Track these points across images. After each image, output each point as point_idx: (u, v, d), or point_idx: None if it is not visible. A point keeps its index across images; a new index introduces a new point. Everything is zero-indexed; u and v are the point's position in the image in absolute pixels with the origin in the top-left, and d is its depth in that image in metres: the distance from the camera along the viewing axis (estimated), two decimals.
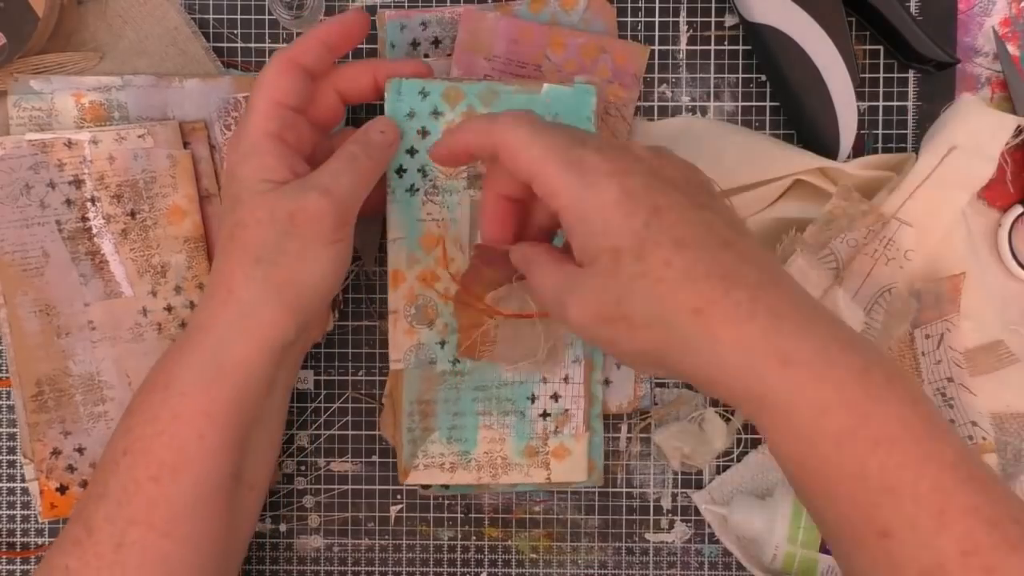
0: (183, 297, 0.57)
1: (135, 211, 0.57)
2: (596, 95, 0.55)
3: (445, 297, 0.57)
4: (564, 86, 0.56)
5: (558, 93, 0.55)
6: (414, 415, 0.57)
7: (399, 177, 0.56)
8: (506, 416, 0.58)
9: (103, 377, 0.58)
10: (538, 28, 0.58)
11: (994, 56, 0.60)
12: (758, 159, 0.57)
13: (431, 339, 0.57)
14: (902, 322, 0.55)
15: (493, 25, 0.58)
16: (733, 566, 0.61)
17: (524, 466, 0.58)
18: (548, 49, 0.58)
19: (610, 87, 0.58)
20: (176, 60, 0.58)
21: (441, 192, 0.57)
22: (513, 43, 0.58)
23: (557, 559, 0.62)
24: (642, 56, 0.58)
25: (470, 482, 0.58)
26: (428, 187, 0.57)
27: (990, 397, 0.57)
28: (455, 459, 0.58)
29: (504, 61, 0.58)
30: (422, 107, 0.56)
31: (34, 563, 0.61)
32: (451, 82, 0.56)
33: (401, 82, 0.55)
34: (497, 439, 0.58)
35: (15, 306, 0.57)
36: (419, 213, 0.57)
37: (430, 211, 0.57)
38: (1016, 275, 0.59)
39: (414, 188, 0.57)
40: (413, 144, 0.56)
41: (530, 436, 0.58)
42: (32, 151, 0.56)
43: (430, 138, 0.56)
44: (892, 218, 0.54)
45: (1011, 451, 0.58)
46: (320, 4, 0.60)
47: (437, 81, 0.56)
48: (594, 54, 0.58)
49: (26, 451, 0.58)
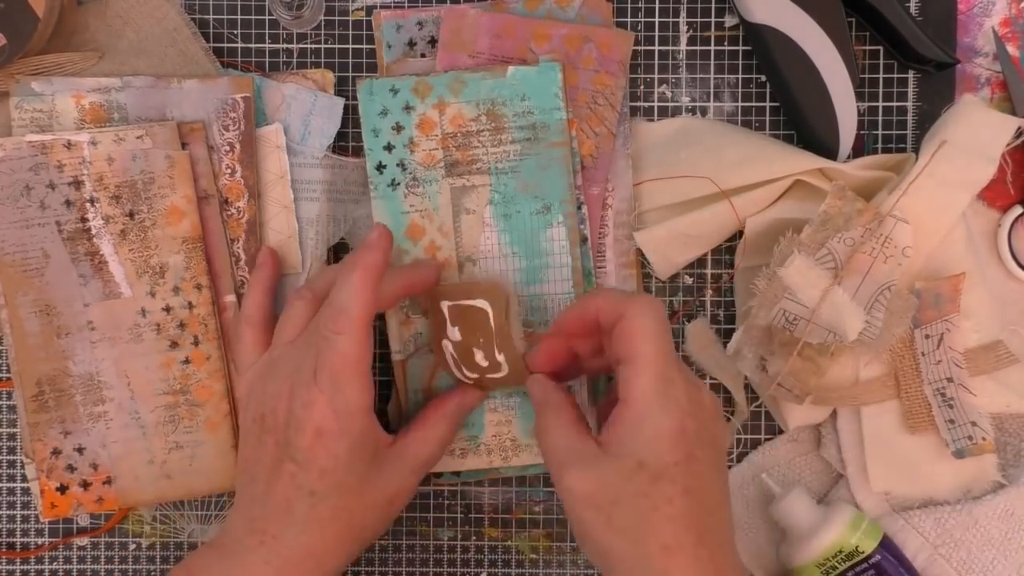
0: (181, 298, 0.57)
1: (134, 212, 0.57)
2: (561, 71, 0.57)
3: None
4: (529, 67, 0.57)
5: (524, 74, 0.57)
6: (419, 404, 0.58)
7: (380, 173, 0.57)
8: (510, 397, 0.59)
9: (102, 377, 0.58)
10: (520, 21, 0.58)
11: (994, 56, 0.60)
12: (758, 159, 0.57)
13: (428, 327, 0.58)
14: (903, 319, 0.55)
15: (475, 21, 0.58)
16: None
17: (534, 446, 0.59)
18: (532, 42, 0.58)
19: (596, 76, 0.58)
20: (176, 61, 0.58)
21: (421, 183, 0.58)
22: (496, 38, 0.58)
23: (557, 559, 0.62)
24: (626, 42, 0.58)
25: (481, 467, 0.59)
26: (408, 180, 0.58)
27: (990, 397, 0.57)
28: (465, 444, 0.59)
29: (488, 57, 0.58)
30: (394, 103, 0.57)
31: (34, 563, 0.61)
32: (419, 76, 0.57)
33: (372, 82, 0.57)
34: (504, 421, 0.59)
35: (16, 306, 0.57)
36: (402, 206, 0.58)
37: (412, 203, 0.58)
38: (1016, 275, 0.59)
39: (395, 182, 0.58)
40: (389, 140, 0.58)
41: None
42: (32, 152, 0.56)
43: (404, 133, 0.57)
44: (888, 215, 0.54)
45: (1011, 451, 0.58)
46: (320, 4, 0.60)
47: (405, 77, 0.57)
48: (578, 44, 0.58)
49: (27, 451, 0.58)
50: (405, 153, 0.58)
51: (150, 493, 0.58)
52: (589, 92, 0.58)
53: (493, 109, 0.57)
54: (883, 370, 0.57)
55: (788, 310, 0.54)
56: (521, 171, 0.58)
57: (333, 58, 0.60)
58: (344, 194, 0.59)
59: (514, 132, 0.58)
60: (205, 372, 0.58)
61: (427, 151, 0.58)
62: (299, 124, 0.59)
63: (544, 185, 0.57)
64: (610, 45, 0.58)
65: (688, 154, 0.58)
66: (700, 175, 0.57)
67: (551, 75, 0.57)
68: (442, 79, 0.57)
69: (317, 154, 0.59)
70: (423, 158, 0.58)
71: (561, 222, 0.58)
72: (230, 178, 0.58)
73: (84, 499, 0.58)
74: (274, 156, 0.58)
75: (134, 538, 0.61)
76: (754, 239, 0.58)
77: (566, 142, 0.57)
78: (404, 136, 0.58)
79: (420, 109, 0.57)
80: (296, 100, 0.59)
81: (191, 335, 0.58)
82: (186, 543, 0.61)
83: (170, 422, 0.58)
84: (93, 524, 0.61)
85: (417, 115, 0.57)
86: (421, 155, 0.58)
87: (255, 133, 0.58)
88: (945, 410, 0.56)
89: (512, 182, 0.58)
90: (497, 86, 0.57)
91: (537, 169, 0.57)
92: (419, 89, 0.57)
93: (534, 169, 0.57)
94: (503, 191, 0.58)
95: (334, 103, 0.59)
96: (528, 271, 0.58)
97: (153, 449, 0.58)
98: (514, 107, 0.57)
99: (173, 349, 0.58)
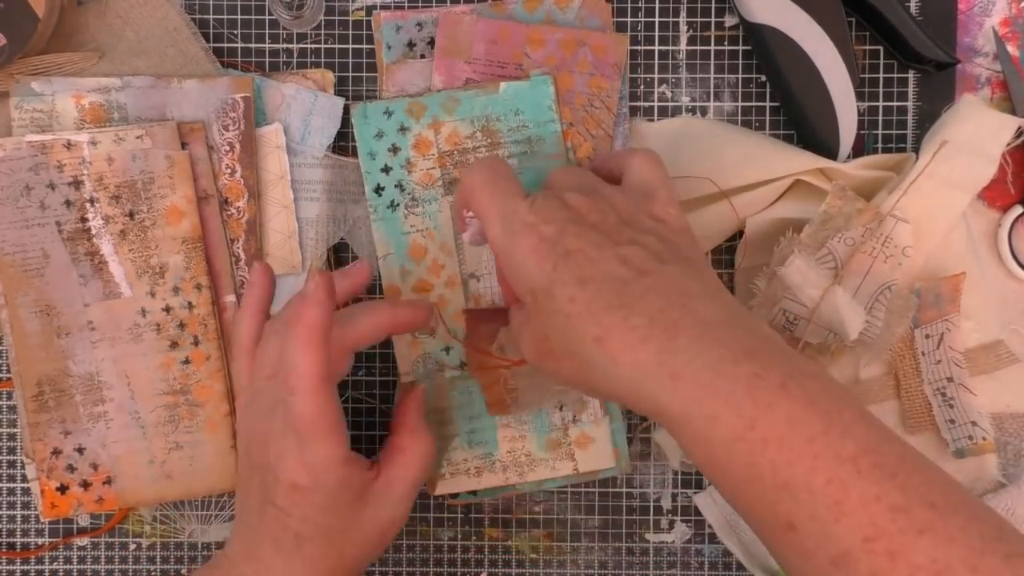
0: (181, 298, 0.57)
1: (133, 212, 0.57)
2: (553, 84, 0.57)
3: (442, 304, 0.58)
4: (521, 81, 0.57)
5: (516, 89, 0.57)
6: (432, 424, 0.58)
7: (378, 196, 0.58)
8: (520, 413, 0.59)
9: (102, 377, 0.58)
10: (516, 27, 0.58)
11: (994, 56, 0.60)
12: (758, 159, 0.57)
13: (436, 347, 0.58)
14: (904, 318, 0.55)
15: (470, 28, 0.58)
16: (733, 566, 0.61)
17: (549, 460, 0.59)
18: (527, 47, 0.58)
19: (592, 79, 0.58)
20: (176, 61, 0.58)
21: (420, 203, 0.58)
22: (492, 44, 0.58)
23: (557, 559, 0.62)
24: (621, 45, 0.58)
25: (498, 484, 0.59)
26: (407, 200, 0.58)
27: (990, 397, 0.57)
28: (480, 463, 0.58)
29: (484, 63, 0.58)
30: (388, 125, 0.58)
31: (34, 563, 0.61)
32: (412, 98, 0.57)
33: (367, 106, 0.58)
34: (517, 436, 0.59)
35: (16, 306, 0.57)
36: (403, 227, 0.58)
37: (413, 223, 0.58)
38: (1016, 275, 0.59)
39: (394, 203, 0.58)
40: (386, 162, 0.58)
41: (550, 428, 0.58)
42: (32, 152, 0.56)
43: (401, 154, 0.58)
44: (888, 215, 0.54)
45: (1011, 451, 0.58)
46: (320, 4, 0.60)
47: (399, 99, 0.57)
48: (573, 48, 0.58)
49: (28, 451, 0.58)
50: (403, 174, 0.58)
51: (150, 493, 0.58)
52: (585, 95, 0.58)
53: (488, 125, 0.58)
54: (883, 370, 0.57)
55: (788, 310, 0.54)
56: None
57: (333, 58, 0.60)
58: (344, 194, 0.59)
59: (510, 147, 0.58)
60: (205, 372, 0.58)
61: (425, 170, 0.58)
62: (299, 124, 0.59)
63: None
64: (605, 48, 0.58)
65: (688, 154, 0.58)
66: (700, 175, 0.57)
67: (543, 88, 0.57)
68: (435, 98, 0.57)
69: (317, 154, 0.59)
70: (421, 178, 0.58)
71: None
72: (230, 178, 0.58)
73: (84, 499, 0.58)
74: (274, 156, 0.58)
75: (134, 538, 0.61)
76: (754, 239, 0.58)
77: (562, 154, 0.58)
78: (401, 157, 0.58)
79: (415, 129, 0.58)
80: (296, 100, 0.59)
81: (191, 335, 0.58)
82: (186, 543, 0.61)
83: (170, 422, 0.58)
84: (93, 524, 0.61)
85: (413, 135, 0.58)
86: (419, 175, 0.58)
87: (255, 133, 0.58)
88: (945, 410, 0.56)
89: None
90: (490, 102, 0.57)
91: (535, 182, 0.57)
92: (413, 110, 0.58)
93: (532, 182, 0.57)
94: None
95: (334, 103, 0.59)
96: None
97: (153, 449, 0.58)
98: (508, 122, 0.58)
99: (173, 349, 0.58)
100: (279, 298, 0.58)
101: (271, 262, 0.58)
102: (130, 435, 0.58)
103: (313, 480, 0.48)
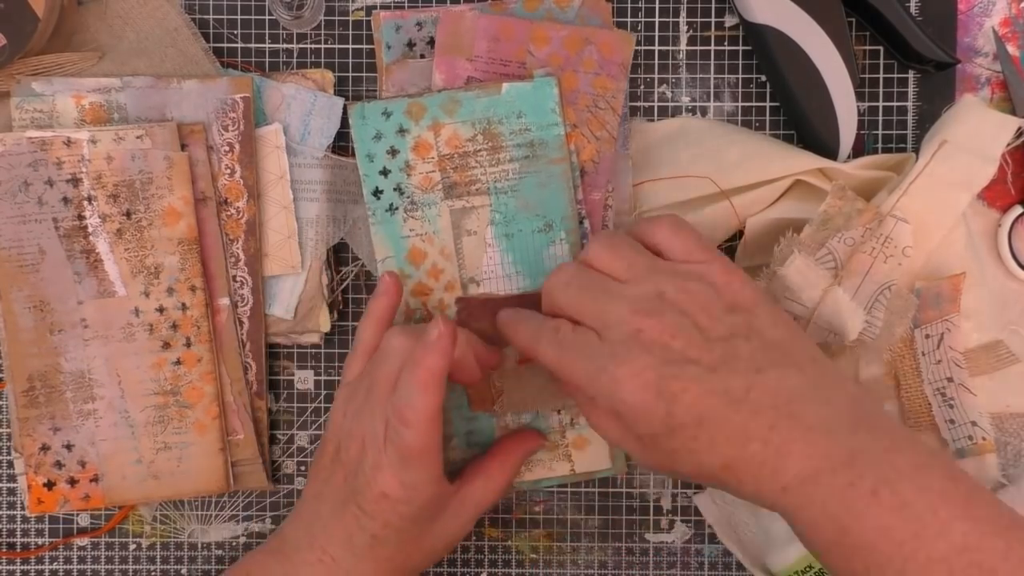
0: (175, 299, 0.57)
1: (131, 211, 0.57)
2: (557, 85, 0.56)
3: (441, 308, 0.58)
4: (524, 82, 0.56)
5: (519, 90, 0.56)
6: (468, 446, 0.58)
7: (377, 199, 0.57)
8: (520, 415, 0.58)
9: (94, 375, 0.58)
10: (519, 24, 0.57)
11: (994, 56, 0.60)
12: (758, 159, 0.57)
13: None
14: (903, 319, 0.55)
15: (472, 25, 0.57)
16: (733, 566, 0.61)
17: (547, 461, 0.59)
18: (531, 44, 0.57)
19: (597, 79, 0.57)
20: (176, 61, 0.58)
21: (420, 207, 0.57)
22: (494, 41, 0.57)
23: (557, 559, 0.62)
24: (628, 44, 0.57)
25: None
26: (406, 204, 0.57)
27: (990, 397, 0.57)
28: None
29: (487, 60, 0.57)
30: (387, 127, 0.57)
31: (34, 563, 0.61)
32: (412, 98, 0.56)
33: (364, 106, 0.57)
34: None
35: (10, 301, 0.57)
36: (402, 230, 0.57)
37: (412, 227, 0.57)
38: (1016, 275, 0.59)
39: (393, 207, 0.57)
40: (385, 164, 0.57)
41: (547, 431, 0.58)
42: (31, 148, 0.56)
43: (400, 156, 0.57)
44: (888, 215, 0.54)
45: (1011, 451, 0.58)
46: (320, 4, 0.60)
47: (398, 99, 0.56)
48: (578, 46, 0.57)
49: (17, 445, 0.58)
50: (402, 177, 0.57)
51: (137, 492, 0.58)
52: (590, 96, 0.57)
53: (489, 128, 0.57)
54: (883, 370, 0.57)
55: (788, 310, 0.54)
56: (521, 189, 0.57)
57: (333, 58, 0.60)
58: (344, 194, 0.59)
59: (512, 150, 0.57)
60: (196, 374, 0.58)
61: (424, 174, 0.57)
62: (299, 124, 0.59)
63: (545, 203, 0.57)
64: (611, 47, 0.57)
65: (688, 154, 0.58)
66: (700, 175, 0.57)
67: (547, 90, 0.56)
68: (435, 99, 0.56)
69: (317, 154, 0.59)
70: (420, 181, 0.57)
71: (563, 239, 0.57)
72: (229, 178, 0.58)
73: (71, 496, 0.58)
74: (274, 156, 0.58)
75: (134, 538, 0.61)
76: (754, 239, 0.58)
77: (565, 158, 0.57)
78: (400, 160, 0.57)
79: (415, 131, 0.57)
80: (296, 100, 0.59)
81: (183, 336, 0.58)
82: (186, 543, 0.61)
83: (159, 422, 0.58)
84: (93, 524, 0.61)
85: (412, 138, 0.57)
86: (418, 178, 0.57)
87: (255, 133, 0.58)
88: (945, 410, 0.56)
89: (512, 201, 0.57)
90: (492, 104, 0.56)
91: (537, 187, 0.57)
92: (412, 111, 0.56)
93: (534, 187, 0.57)
94: (504, 211, 0.57)
95: (334, 103, 0.59)
96: (531, 290, 0.57)
97: (141, 449, 0.58)
98: (510, 125, 0.57)
99: (165, 350, 0.58)
100: (278, 298, 0.58)
101: (270, 262, 0.58)
102: (119, 434, 0.58)
103: (405, 495, 0.51)
